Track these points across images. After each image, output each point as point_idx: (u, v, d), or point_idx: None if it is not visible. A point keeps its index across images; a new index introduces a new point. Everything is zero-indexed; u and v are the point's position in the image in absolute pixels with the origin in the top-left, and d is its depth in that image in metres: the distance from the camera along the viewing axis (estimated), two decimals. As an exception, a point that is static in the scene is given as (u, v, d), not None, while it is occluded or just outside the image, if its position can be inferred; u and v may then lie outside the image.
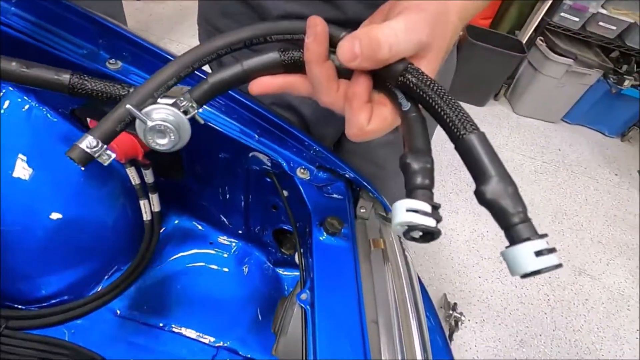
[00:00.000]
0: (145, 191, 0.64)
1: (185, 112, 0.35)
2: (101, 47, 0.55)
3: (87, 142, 0.32)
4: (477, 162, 0.26)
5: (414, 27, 0.29)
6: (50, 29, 0.54)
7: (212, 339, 0.65)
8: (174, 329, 0.65)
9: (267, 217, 0.67)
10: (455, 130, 0.27)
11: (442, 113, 0.28)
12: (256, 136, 0.54)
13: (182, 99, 0.35)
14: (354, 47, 0.29)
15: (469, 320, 1.55)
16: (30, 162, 0.61)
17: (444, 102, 0.28)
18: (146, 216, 0.66)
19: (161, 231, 0.72)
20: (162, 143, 0.35)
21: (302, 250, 0.51)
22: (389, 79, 0.31)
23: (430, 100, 0.29)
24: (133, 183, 0.64)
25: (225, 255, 0.74)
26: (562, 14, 2.36)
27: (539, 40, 2.50)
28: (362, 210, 0.54)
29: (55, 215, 0.61)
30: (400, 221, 0.25)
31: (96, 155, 0.32)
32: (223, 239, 0.75)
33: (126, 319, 0.64)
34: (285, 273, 0.75)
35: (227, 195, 0.68)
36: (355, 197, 0.57)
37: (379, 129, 0.32)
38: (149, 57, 0.54)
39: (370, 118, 0.32)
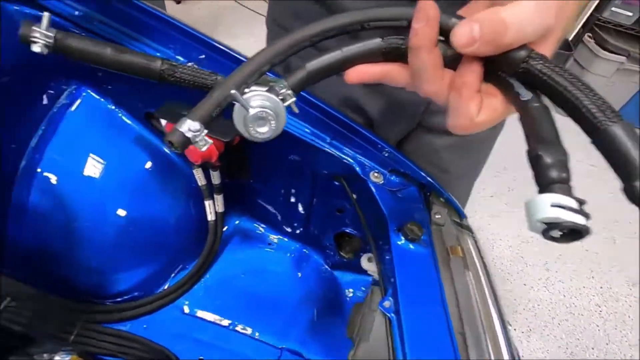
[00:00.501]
0: (211, 192, 0.65)
1: (283, 100, 0.33)
2: (177, 50, 0.56)
3: (188, 126, 0.30)
4: (625, 156, 0.23)
5: (545, 8, 0.27)
6: (128, 33, 0.56)
7: (275, 340, 0.66)
8: (238, 329, 0.65)
9: (330, 220, 0.67)
10: (595, 121, 0.25)
11: (577, 102, 0.26)
12: (328, 139, 0.54)
13: (280, 85, 0.33)
14: (473, 30, 0.27)
15: (514, 329, 1.49)
16: (101, 161, 0.64)
17: (578, 89, 0.26)
18: (211, 216, 0.67)
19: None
20: (262, 131, 0.34)
21: (378, 256, 0.50)
22: (506, 66, 0.29)
23: (561, 89, 0.26)
24: (199, 184, 0.65)
25: (284, 257, 0.75)
26: (613, 8, 2.23)
27: (587, 37, 2.37)
28: (437, 217, 0.53)
29: (122, 213, 0.63)
30: (543, 217, 0.23)
31: (196, 139, 0.31)
32: (282, 240, 0.76)
33: (192, 316, 0.66)
34: (342, 276, 0.75)
35: (290, 197, 0.68)
36: (426, 202, 0.55)
37: (489, 121, 0.31)
38: (225, 60, 0.55)
39: (480, 109, 0.30)
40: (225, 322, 0.66)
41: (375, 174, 0.53)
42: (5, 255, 0.62)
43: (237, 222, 0.76)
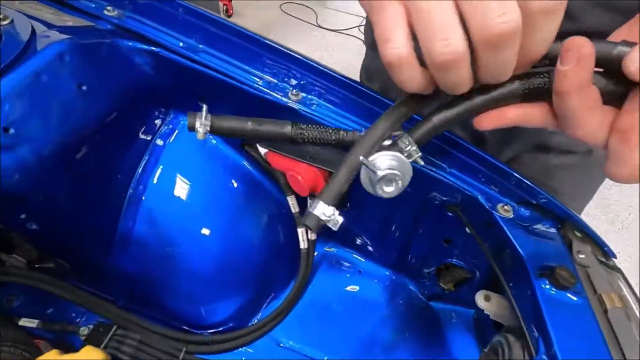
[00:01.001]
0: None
1: (409, 156, 0.34)
2: (284, 77, 0.54)
3: (322, 210, 0.34)
4: None
5: None
6: (228, 60, 0.55)
7: (373, 378, 0.61)
8: (337, 363, 0.62)
9: (434, 250, 0.62)
10: None
11: None
12: (447, 167, 0.49)
13: (404, 141, 0.33)
14: None
15: None
16: (197, 188, 0.64)
17: None
18: (303, 244, 0.65)
19: (312, 257, 0.71)
20: (388, 191, 0.35)
21: (514, 301, 0.44)
22: None
23: None
24: (292, 211, 0.63)
25: (375, 285, 0.71)
26: None
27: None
28: (580, 256, 0.46)
29: (216, 239, 0.63)
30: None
31: (329, 222, 0.34)
32: (373, 268, 0.71)
33: (288, 349, 0.63)
34: (439, 307, 0.69)
35: (389, 226, 0.64)
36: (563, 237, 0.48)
37: None
38: (323, 81, 0.52)
39: None
40: (323, 356, 0.63)
41: (505, 207, 0.47)
42: (111, 283, 0.63)
43: (326, 248, 0.73)
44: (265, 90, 0.52)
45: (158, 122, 0.62)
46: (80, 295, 0.59)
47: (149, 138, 0.61)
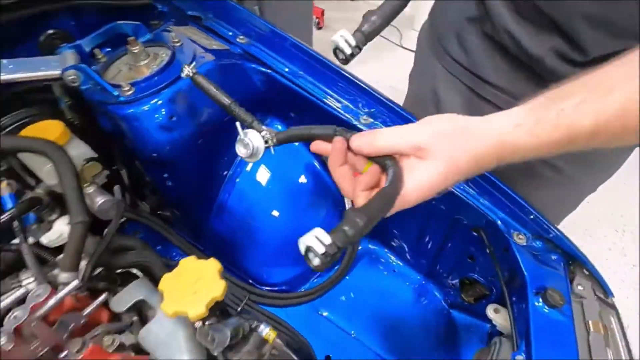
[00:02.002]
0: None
1: (266, 142, 0.48)
2: (359, 104, 0.69)
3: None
4: None
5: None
6: (319, 86, 0.72)
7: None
8: (362, 340, 0.76)
9: (459, 264, 0.72)
10: None
11: None
12: (477, 195, 0.60)
13: (269, 133, 0.48)
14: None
15: None
16: (275, 176, 0.82)
17: None
18: (351, 237, 0.80)
19: (356, 250, 0.85)
20: (241, 152, 0.48)
21: (512, 312, 0.54)
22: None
23: None
24: (347, 207, 0.78)
25: (406, 286, 0.83)
26: None
27: None
28: (579, 288, 0.54)
29: (283, 218, 0.80)
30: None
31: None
32: (406, 269, 0.84)
33: (324, 317, 0.78)
34: (459, 317, 0.79)
35: (424, 235, 0.76)
36: (568, 272, 0.57)
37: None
38: (391, 115, 0.67)
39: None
40: (351, 330, 0.77)
41: (520, 236, 0.57)
42: (204, 237, 0.84)
43: (368, 244, 0.86)
44: (342, 112, 0.68)
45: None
46: (181, 241, 0.80)
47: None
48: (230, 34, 0.78)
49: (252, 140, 0.47)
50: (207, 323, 0.45)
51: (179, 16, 0.81)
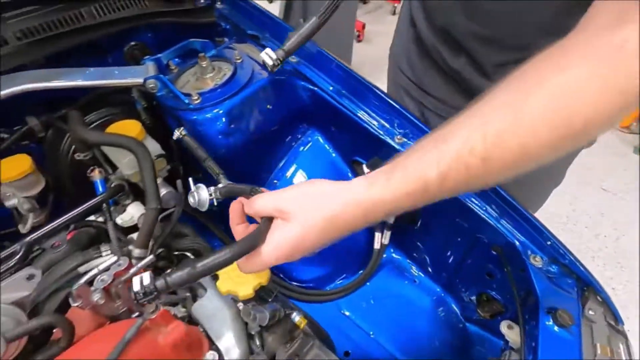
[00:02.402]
0: (383, 227, 0.84)
1: (210, 195, 0.55)
2: (394, 123, 0.76)
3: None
4: None
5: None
6: (360, 105, 0.79)
7: (405, 362, 0.79)
8: (379, 341, 0.82)
9: (477, 280, 0.77)
10: None
11: None
12: (498, 216, 0.65)
13: (214, 189, 0.55)
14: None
15: None
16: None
17: None
18: (377, 245, 0.86)
19: (380, 258, 0.91)
20: (190, 201, 0.55)
21: (523, 328, 0.59)
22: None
23: None
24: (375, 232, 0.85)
25: (425, 296, 0.88)
26: None
27: None
28: (590, 312, 0.57)
29: None
30: None
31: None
32: (426, 281, 0.89)
33: (346, 316, 0.85)
34: (473, 330, 0.83)
35: (445, 250, 0.81)
36: (581, 297, 0.60)
37: None
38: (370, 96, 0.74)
39: None
40: (370, 331, 0.83)
41: (536, 258, 0.61)
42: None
43: (392, 254, 0.92)
44: (378, 130, 0.75)
45: (300, 134, 0.90)
46: (222, 233, 0.90)
47: (292, 144, 0.90)
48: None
49: (199, 194, 0.54)
50: (250, 304, 0.53)
51: (239, 34, 0.92)
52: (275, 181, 0.90)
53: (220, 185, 0.56)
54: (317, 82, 0.81)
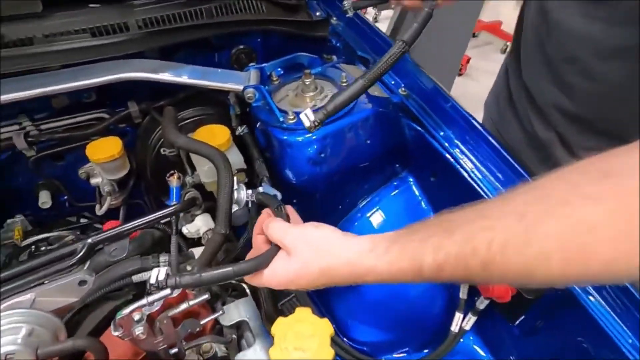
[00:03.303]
0: (468, 308, 0.69)
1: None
2: (496, 173, 0.63)
3: None
4: None
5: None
6: (471, 159, 0.66)
7: None
8: None
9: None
10: None
11: None
12: (620, 325, 0.48)
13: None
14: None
15: None
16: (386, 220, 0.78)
17: None
18: (454, 327, 0.71)
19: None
20: None
21: None
22: None
23: None
24: (461, 296, 0.70)
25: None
26: None
27: None
28: None
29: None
30: None
31: None
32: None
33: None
34: None
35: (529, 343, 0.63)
36: None
37: None
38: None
39: None
40: None
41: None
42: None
43: (473, 343, 0.76)
44: (480, 185, 0.62)
45: (392, 176, 0.80)
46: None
47: (380, 184, 0.80)
48: (393, 82, 0.78)
49: (239, 192, 0.56)
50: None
51: (349, 54, 0.85)
52: (355, 221, 0.81)
53: (259, 189, 0.57)
54: (426, 123, 0.70)
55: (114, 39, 0.65)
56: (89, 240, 0.45)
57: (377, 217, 0.80)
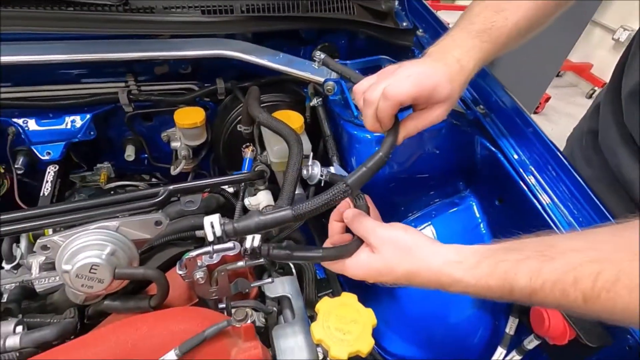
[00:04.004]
0: (512, 346, 0.65)
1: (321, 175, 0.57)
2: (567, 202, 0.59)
3: None
4: None
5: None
6: (546, 187, 0.62)
7: None
8: None
9: None
10: None
11: None
12: None
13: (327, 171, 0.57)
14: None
15: None
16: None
17: None
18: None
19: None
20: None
21: None
22: None
23: None
24: (508, 332, 0.66)
25: None
26: None
27: None
28: None
29: (435, 303, 0.72)
30: None
31: None
32: None
33: None
34: None
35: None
36: None
37: None
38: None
39: None
40: None
41: None
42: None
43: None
44: (554, 218, 0.58)
45: (453, 193, 0.78)
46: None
47: (437, 200, 0.78)
48: (472, 99, 0.77)
49: (313, 168, 0.55)
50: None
51: (430, 66, 0.85)
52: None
53: (331, 169, 0.57)
54: (502, 144, 0.68)
55: (219, 18, 0.72)
56: (170, 187, 0.50)
57: (429, 232, 0.78)
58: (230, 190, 0.67)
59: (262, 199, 0.66)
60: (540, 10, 0.54)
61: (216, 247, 0.42)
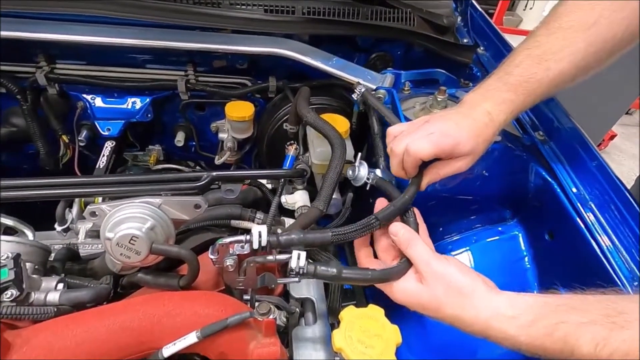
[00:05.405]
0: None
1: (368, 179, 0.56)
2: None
3: None
4: None
5: None
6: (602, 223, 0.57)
7: None
8: None
9: None
10: None
11: None
12: None
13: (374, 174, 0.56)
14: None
15: None
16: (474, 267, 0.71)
17: None
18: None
19: None
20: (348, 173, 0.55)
21: None
22: None
23: None
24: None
25: None
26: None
27: None
28: None
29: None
30: None
31: None
32: None
33: None
34: None
35: None
36: None
37: None
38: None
39: None
40: None
41: None
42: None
43: None
44: (613, 265, 0.52)
45: (497, 220, 0.73)
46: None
47: (478, 225, 0.73)
48: (530, 123, 0.72)
49: (360, 169, 0.54)
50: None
51: (488, 85, 0.81)
52: (441, 253, 0.75)
53: (377, 172, 0.56)
54: (560, 175, 0.63)
55: (280, 18, 0.73)
56: (213, 174, 0.51)
57: (465, 258, 0.74)
58: (269, 186, 0.67)
59: (298, 198, 0.65)
60: (590, 56, 0.50)
61: (249, 236, 0.43)
